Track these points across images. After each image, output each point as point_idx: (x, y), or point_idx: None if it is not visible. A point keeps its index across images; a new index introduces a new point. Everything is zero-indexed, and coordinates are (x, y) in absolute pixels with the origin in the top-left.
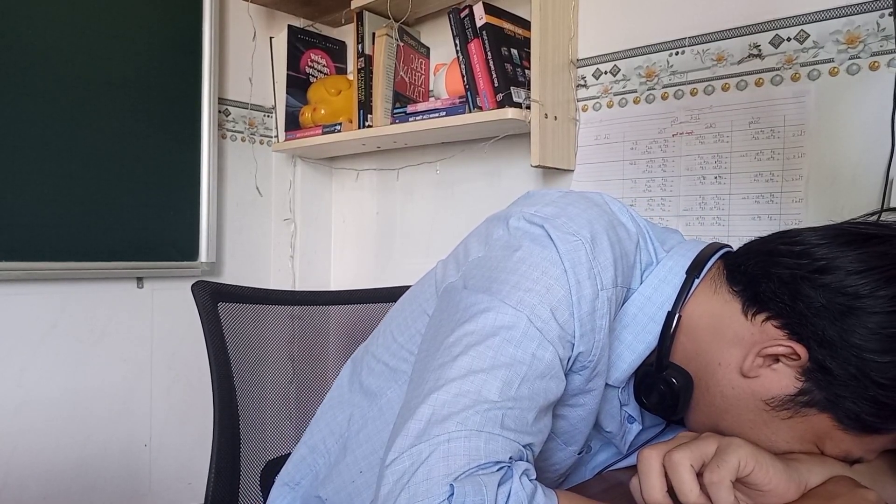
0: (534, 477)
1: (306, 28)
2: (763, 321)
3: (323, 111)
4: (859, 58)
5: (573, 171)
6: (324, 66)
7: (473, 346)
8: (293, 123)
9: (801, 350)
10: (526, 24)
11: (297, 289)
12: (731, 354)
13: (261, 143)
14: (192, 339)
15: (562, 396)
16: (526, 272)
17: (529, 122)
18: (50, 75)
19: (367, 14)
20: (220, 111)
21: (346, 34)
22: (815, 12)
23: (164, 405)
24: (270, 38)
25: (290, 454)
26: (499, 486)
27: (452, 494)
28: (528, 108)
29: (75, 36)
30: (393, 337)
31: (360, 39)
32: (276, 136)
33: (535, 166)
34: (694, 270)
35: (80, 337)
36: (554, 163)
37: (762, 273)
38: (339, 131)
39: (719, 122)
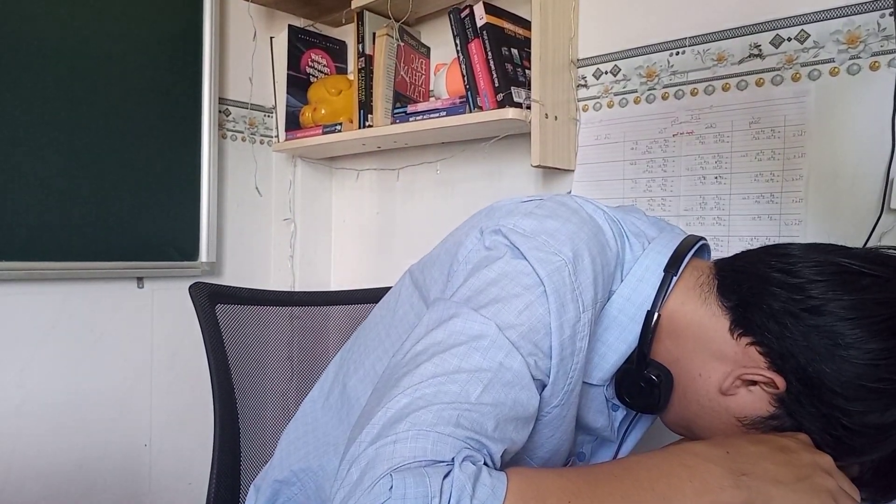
0: (480, 462)
1: (307, 28)
2: (748, 344)
3: (323, 111)
4: (860, 58)
5: (573, 171)
6: (324, 65)
7: (438, 354)
8: (293, 123)
9: (780, 381)
10: (526, 24)
11: (297, 289)
12: (713, 368)
13: (261, 142)
14: (192, 339)
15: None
16: (506, 286)
17: (530, 122)
18: (50, 75)
19: (367, 14)
20: (220, 111)
21: (347, 34)
22: (816, 12)
23: (165, 406)
24: (271, 37)
25: None
26: (444, 477)
27: (392, 486)
28: (529, 108)
29: (75, 35)
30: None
31: (360, 39)
32: (277, 136)
33: (536, 166)
34: (671, 268)
35: (80, 337)
36: (554, 163)
37: (754, 299)
38: (340, 131)
39: (720, 122)
